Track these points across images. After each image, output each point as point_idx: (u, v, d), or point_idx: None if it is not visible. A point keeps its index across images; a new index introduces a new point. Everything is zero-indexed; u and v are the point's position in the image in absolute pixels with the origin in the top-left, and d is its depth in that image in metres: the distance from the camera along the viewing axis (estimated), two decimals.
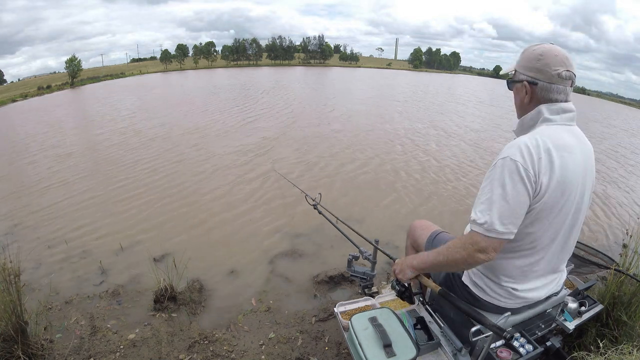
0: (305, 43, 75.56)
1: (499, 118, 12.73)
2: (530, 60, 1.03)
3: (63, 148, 7.12)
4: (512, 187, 0.94)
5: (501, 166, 0.96)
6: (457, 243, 1.03)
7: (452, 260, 1.03)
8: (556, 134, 0.99)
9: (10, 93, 26.93)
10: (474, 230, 0.98)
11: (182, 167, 5.62)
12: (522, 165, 0.93)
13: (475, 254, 0.97)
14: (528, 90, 1.04)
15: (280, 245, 3.25)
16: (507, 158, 0.95)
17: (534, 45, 1.06)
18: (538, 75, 1.01)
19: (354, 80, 30.27)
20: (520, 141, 0.98)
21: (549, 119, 1.02)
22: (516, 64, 1.09)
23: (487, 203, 0.97)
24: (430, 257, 1.11)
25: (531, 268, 1.10)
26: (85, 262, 2.98)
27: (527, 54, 1.05)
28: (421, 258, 1.16)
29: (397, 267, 1.24)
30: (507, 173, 0.94)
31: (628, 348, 1.15)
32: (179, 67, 58.81)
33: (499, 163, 0.97)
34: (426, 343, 1.37)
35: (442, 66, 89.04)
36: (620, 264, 1.91)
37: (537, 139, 0.97)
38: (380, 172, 5.51)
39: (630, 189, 5.69)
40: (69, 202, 4.33)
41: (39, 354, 1.83)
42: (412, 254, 1.36)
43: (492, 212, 0.95)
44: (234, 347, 2.02)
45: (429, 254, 1.13)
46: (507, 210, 0.94)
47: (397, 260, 1.27)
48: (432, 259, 1.10)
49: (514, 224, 0.96)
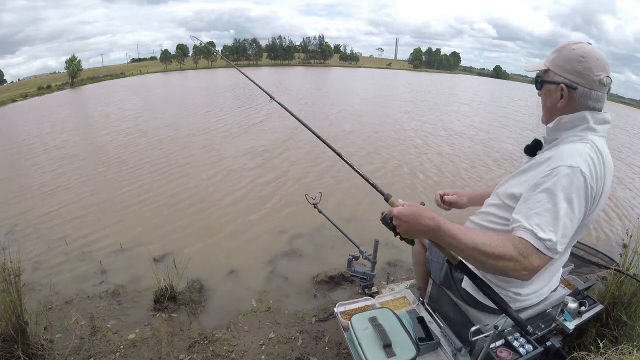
0: (305, 43, 75.61)
1: (504, 118, 12.73)
2: (569, 61, 0.92)
3: (66, 149, 7.12)
4: (578, 204, 0.85)
5: (569, 177, 0.84)
6: (506, 244, 0.82)
7: (491, 258, 0.82)
8: (602, 147, 0.92)
9: (10, 93, 26.96)
10: (529, 243, 0.82)
11: (182, 168, 5.62)
12: (589, 182, 0.85)
13: (521, 270, 0.82)
14: (565, 95, 0.94)
15: (280, 245, 3.24)
16: (577, 169, 0.84)
17: (572, 43, 0.95)
18: (578, 79, 0.91)
19: (356, 80, 30.25)
20: (583, 151, 0.87)
21: (593, 128, 0.93)
22: (549, 63, 0.97)
23: (550, 217, 0.83)
24: (469, 235, 0.84)
25: (541, 273, 1.06)
26: (85, 262, 2.98)
27: (565, 53, 0.93)
28: (453, 226, 0.87)
29: (407, 210, 0.91)
30: (575, 187, 0.84)
31: (628, 348, 1.15)
32: (179, 67, 58.86)
33: (565, 172, 0.84)
34: (426, 343, 1.37)
35: (442, 66, 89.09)
36: (620, 264, 1.91)
37: (596, 152, 0.89)
38: (397, 175, 5.42)
39: (630, 189, 5.69)
40: (69, 203, 4.33)
41: (39, 354, 1.83)
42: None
43: (557, 230, 0.82)
44: (234, 347, 2.02)
45: (468, 230, 0.86)
46: (569, 230, 0.85)
47: (399, 210, 0.92)
48: (469, 239, 0.83)
49: (565, 244, 0.86)
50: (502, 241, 0.83)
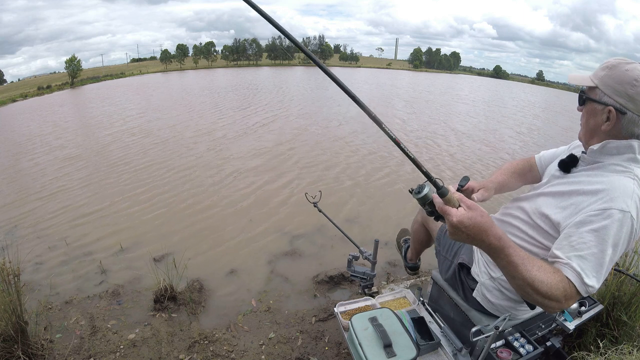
0: (306, 43, 75.57)
1: (508, 119, 12.77)
2: (622, 83, 0.85)
3: (67, 149, 7.12)
4: (622, 248, 0.83)
5: (620, 222, 0.81)
6: (559, 286, 0.79)
7: (541, 296, 0.78)
8: None
9: (10, 93, 26.96)
10: (574, 286, 0.81)
11: (182, 168, 5.62)
12: (636, 225, 0.82)
13: (557, 309, 0.83)
14: (612, 118, 0.87)
15: (280, 245, 3.24)
16: (628, 214, 0.81)
17: (625, 63, 0.87)
18: (629, 104, 0.85)
19: (358, 80, 30.13)
20: (633, 191, 0.83)
21: (639, 160, 0.88)
22: (598, 80, 0.90)
23: (596, 263, 0.81)
24: (527, 268, 0.78)
25: None
26: (85, 262, 2.98)
27: (618, 73, 0.87)
28: (517, 253, 0.78)
29: (470, 221, 0.74)
30: (624, 233, 0.81)
31: (628, 348, 1.15)
32: (179, 67, 58.83)
33: (618, 217, 0.81)
34: (426, 343, 1.37)
35: (442, 66, 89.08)
36: (620, 264, 1.91)
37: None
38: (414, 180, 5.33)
39: None
40: (69, 203, 4.33)
41: (39, 354, 1.83)
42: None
43: (600, 276, 0.81)
44: (234, 347, 2.02)
45: (524, 261, 0.78)
46: (608, 270, 0.83)
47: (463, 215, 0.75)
48: (527, 272, 0.77)
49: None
50: (556, 283, 0.79)
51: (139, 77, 38.74)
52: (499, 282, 1.10)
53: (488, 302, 1.15)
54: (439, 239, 1.45)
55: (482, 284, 1.16)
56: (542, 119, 14.12)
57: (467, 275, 1.25)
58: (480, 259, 1.19)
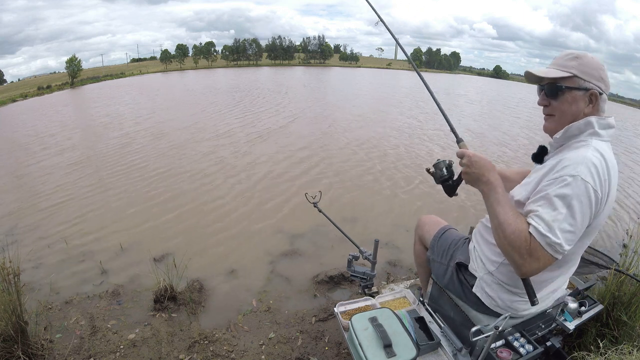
0: (305, 43, 75.58)
1: (520, 119, 12.77)
2: (595, 68, 0.97)
3: (69, 150, 7.12)
4: (580, 210, 0.89)
5: (569, 186, 0.89)
6: (519, 228, 0.90)
7: (507, 240, 0.91)
8: (607, 152, 0.96)
9: (10, 93, 26.93)
10: (534, 237, 0.89)
11: (182, 168, 5.62)
12: (592, 188, 0.89)
13: (523, 261, 0.90)
14: (595, 100, 0.97)
15: (280, 245, 3.24)
16: (578, 177, 0.89)
17: (586, 53, 0.99)
18: (602, 85, 0.97)
19: (362, 80, 30.13)
20: (587, 159, 0.91)
21: (598, 133, 0.97)
22: (575, 70, 0.97)
23: (554, 220, 0.89)
24: (506, 209, 0.94)
25: (552, 280, 1.10)
26: (85, 262, 2.98)
27: (589, 61, 0.97)
28: (504, 197, 0.97)
29: (482, 158, 1.02)
30: (575, 195, 0.88)
31: (628, 348, 1.15)
32: (179, 67, 58.77)
33: (567, 181, 0.90)
34: (426, 343, 1.37)
35: (442, 66, 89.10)
36: (620, 264, 1.91)
37: (599, 157, 0.92)
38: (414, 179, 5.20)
39: (630, 189, 5.69)
40: (70, 203, 4.33)
41: (39, 354, 1.83)
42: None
43: (564, 234, 0.89)
44: (234, 347, 2.02)
45: (511, 208, 0.94)
46: (570, 235, 0.90)
47: (473, 154, 1.03)
48: (505, 212, 0.93)
49: (571, 247, 0.92)
50: (520, 229, 0.90)
51: (139, 77, 38.71)
52: (496, 276, 1.13)
53: (487, 296, 1.16)
54: (432, 248, 1.47)
55: (481, 279, 1.18)
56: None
57: (466, 273, 1.27)
58: (477, 255, 1.21)
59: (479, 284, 1.19)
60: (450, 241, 1.41)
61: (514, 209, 0.96)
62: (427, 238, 1.54)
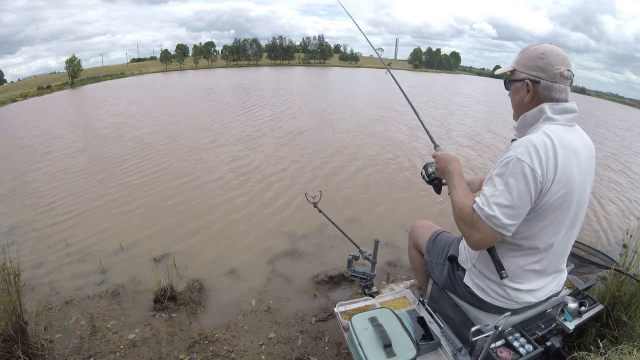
0: (305, 43, 75.53)
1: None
2: (531, 59, 1.04)
3: (68, 147, 7.12)
4: (516, 187, 0.96)
5: (506, 165, 0.98)
6: (466, 204, 1.05)
7: (457, 215, 1.07)
8: (560, 133, 1.00)
9: (10, 93, 26.91)
10: (479, 217, 1.00)
11: (182, 168, 5.62)
12: (528, 166, 0.94)
13: (469, 232, 1.02)
14: (530, 89, 1.04)
15: (280, 245, 3.24)
16: (514, 157, 0.96)
17: (534, 45, 1.07)
18: (540, 73, 1.02)
19: (363, 80, 29.91)
20: (528, 141, 0.98)
21: (551, 118, 1.02)
22: (514, 64, 1.09)
23: (494, 195, 0.99)
24: (458, 191, 1.11)
25: (533, 267, 1.10)
26: (85, 262, 2.98)
27: (527, 52, 1.06)
28: (461, 183, 1.14)
29: (446, 154, 1.23)
30: (511, 172, 0.96)
31: (628, 348, 1.15)
32: (179, 67, 58.72)
33: (506, 161, 0.98)
34: (426, 343, 1.37)
35: (442, 66, 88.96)
36: (620, 264, 1.91)
37: (544, 138, 0.97)
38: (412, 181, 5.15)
39: (630, 189, 5.69)
40: (71, 203, 4.33)
41: (39, 354, 1.83)
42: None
43: (490, 205, 0.98)
44: (234, 347, 2.02)
45: (463, 190, 1.11)
46: (509, 210, 0.97)
47: (441, 153, 1.25)
48: (457, 194, 1.10)
49: (513, 222, 0.98)
50: (467, 205, 1.05)
51: (139, 77, 38.66)
52: (477, 267, 1.19)
53: (478, 287, 1.20)
54: (428, 251, 1.50)
55: (469, 270, 1.24)
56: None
57: (458, 268, 1.31)
58: (464, 249, 1.28)
59: (469, 275, 1.23)
60: (445, 242, 1.44)
61: (467, 191, 1.11)
62: (421, 243, 1.56)
